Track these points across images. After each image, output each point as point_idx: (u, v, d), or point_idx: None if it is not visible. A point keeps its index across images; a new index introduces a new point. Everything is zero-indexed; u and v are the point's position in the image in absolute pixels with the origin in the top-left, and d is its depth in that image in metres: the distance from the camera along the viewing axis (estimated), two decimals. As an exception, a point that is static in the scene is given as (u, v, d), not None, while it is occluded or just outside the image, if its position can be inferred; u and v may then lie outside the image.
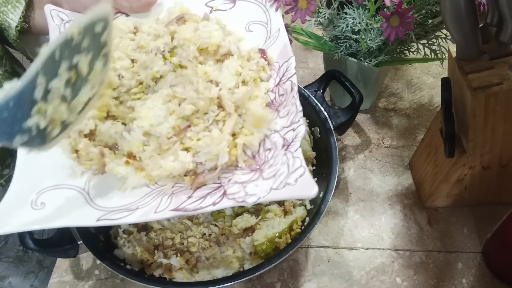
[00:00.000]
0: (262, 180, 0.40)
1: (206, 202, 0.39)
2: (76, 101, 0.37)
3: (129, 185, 0.44)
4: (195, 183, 0.42)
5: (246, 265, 0.56)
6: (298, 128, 0.41)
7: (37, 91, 0.33)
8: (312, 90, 0.64)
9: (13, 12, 0.59)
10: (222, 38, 0.48)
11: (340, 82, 0.63)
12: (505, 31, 0.40)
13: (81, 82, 0.37)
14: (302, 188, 0.36)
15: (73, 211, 0.42)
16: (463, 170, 0.54)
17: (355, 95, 0.61)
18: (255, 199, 0.37)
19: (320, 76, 0.66)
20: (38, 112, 0.34)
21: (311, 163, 0.64)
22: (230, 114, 0.44)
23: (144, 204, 0.41)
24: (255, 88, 0.48)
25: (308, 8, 0.54)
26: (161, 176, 0.43)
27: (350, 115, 0.61)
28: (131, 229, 0.59)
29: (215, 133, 0.43)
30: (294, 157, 0.39)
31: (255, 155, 0.44)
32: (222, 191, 0.40)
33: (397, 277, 0.59)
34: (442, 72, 0.82)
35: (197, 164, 0.43)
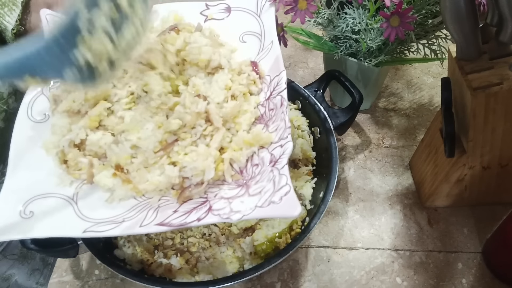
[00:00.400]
0: (248, 197, 0.40)
1: (191, 217, 0.40)
2: (121, 38, 0.38)
3: (116, 197, 0.44)
4: (181, 197, 0.42)
5: (246, 265, 0.56)
6: (286, 145, 0.41)
7: (81, 21, 0.34)
8: (312, 90, 0.64)
9: (9, 15, 0.59)
10: (211, 53, 0.48)
11: (340, 82, 0.63)
12: (505, 31, 0.40)
13: (123, 18, 0.38)
14: (286, 207, 0.36)
15: (61, 221, 0.42)
16: (463, 170, 0.54)
17: (355, 95, 0.61)
18: (240, 216, 0.37)
19: (320, 76, 0.66)
20: (85, 44, 0.35)
21: (311, 163, 0.64)
22: (218, 129, 0.44)
23: (130, 217, 0.41)
24: (244, 102, 0.47)
25: (308, 8, 0.54)
26: (147, 189, 0.43)
27: (350, 115, 0.61)
28: None
29: (202, 149, 0.43)
30: (281, 174, 0.39)
31: (243, 170, 0.44)
32: (207, 206, 0.41)
33: (397, 277, 0.59)
34: (442, 72, 0.82)
35: (183, 179, 0.43)
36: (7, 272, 0.76)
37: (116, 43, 0.38)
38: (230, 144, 0.45)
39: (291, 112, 0.66)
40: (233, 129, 0.46)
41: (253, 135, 0.44)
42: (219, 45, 0.51)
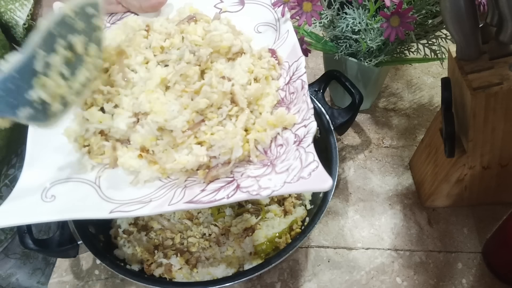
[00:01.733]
0: (275, 174, 0.40)
1: (220, 194, 0.40)
2: (75, 80, 0.40)
3: (142, 179, 0.44)
4: (208, 176, 0.42)
5: (246, 265, 0.56)
6: (310, 125, 0.42)
7: (38, 63, 0.37)
8: (312, 90, 0.64)
9: (21, 9, 0.59)
10: (232, 39, 0.48)
11: (340, 82, 0.63)
12: (505, 31, 0.40)
13: (78, 62, 0.41)
14: (316, 181, 0.36)
15: (85, 203, 0.42)
16: (463, 170, 0.54)
17: (355, 95, 0.61)
18: (269, 192, 0.37)
19: (320, 76, 0.66)
20: (39, 84, 0.37)
21: None
22: (243, 109, 0.45)
23: (157, 197, 0.41)
24: (266, 85, 0.48)
25: (314, 9, 0.54)
26: (174, 169, 0.43)
27: (350, 115, 0.61)
28: (131, 229, 0.59)
29: (230, 127, 0.43)
30: (307, 152, 0.40)
31: (267, 151, 0.44)
32: (235, 184, 0.41)
33: (397, 277, 0.59)
34: (442, 72, 0.82)
35: (210, 158, 0.43)
36: (8, 271, 0.76)
37: (70, 85, 0.40)
38: (254, 125, 0.45)
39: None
40: (256, 111, 0.47)
41: (276, 116, 0.45)
42: (238, 33, 0.51)
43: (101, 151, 0.46)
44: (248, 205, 0.61)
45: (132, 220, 0.59)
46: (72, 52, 0.40)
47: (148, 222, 0.60)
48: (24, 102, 0.36)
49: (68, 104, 0.40)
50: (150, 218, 0.60)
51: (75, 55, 0.40)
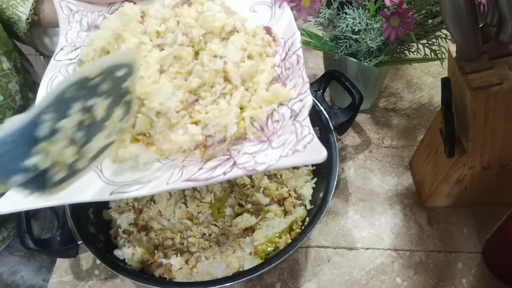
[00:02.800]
0: (271, 150, 0.40)
1: (217, 172, 0.40)
2: (89, 146, 0.35)
3: (141, 161, 0.44)
4: (205, 155, 0.43)
5: (246, 265, 0.56)
6: (306, 99, 0.42)
7: (42, 129, 0.31)
8: (312, 90, 0.64)
9: (23, 5, 0.60)
10: (225, 18, 0.49)
11: (340, 82, 0.63)
12: (505, 31, 0.40)
13: (96, 127, 0.35)
14: (311, 152, 0.37)
15: (86, 186, 0.42)
16: (463, 170, 0.54)
17: (355, 95, 0.61)
18: (265, 167, 0.38)
19: (320, 76, 0.66)
20: (41, 151, 0.31)
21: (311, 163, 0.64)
22: (237, 87, 0.45)
23: (156, 177, 0.42)
24: (261, 62, 0.48)
25: (312, 6, 0.54)
26: (171, 150, 0.44)
27: (350, 115, 0.61)
28: (131, 229, 0.59)
29: (223, 105, 0.43)
30: (302, 125, 0.40)
31: (264, 127, 0.45)
32: (232, 161, 0.41)
33: (397, 277, 0.59)
34: (442, 72, 0.82)
35: (206, 137, 0.43)
36: (12, 268, 0.76)
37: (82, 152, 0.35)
38: (249, 103, 0.46)
39: None
40: (251, 89, 0.47)
41: (271, 92, 0.45)
42: (232, 13, 0.52)
43: None
44: (248, 205, 0.61)
45: (132, 220, 0.60)
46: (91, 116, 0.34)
47: (148, 222, 0.60)
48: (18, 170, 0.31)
49: (77, 172, 0.35)
50: (150, 218, 0.60)
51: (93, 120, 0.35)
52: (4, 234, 0.73)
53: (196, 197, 0.62)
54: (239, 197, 0.62)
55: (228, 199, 0.63)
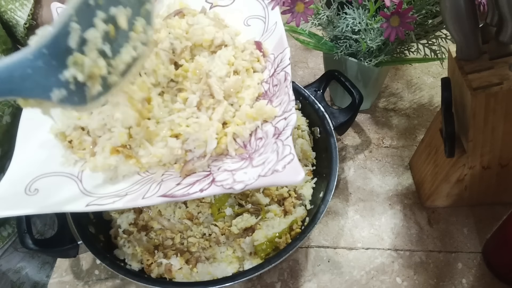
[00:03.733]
0: (251, 168, 0.40)
1: (194, 188, 0.40)
2: (118, 59, 0.35)
3: (120, 173, 0.44)
4: (184, 170, 0.42)
5: (246, 265, 0.56)
6: (290, 117, 0.42)
7: (72, 39, 0.31)
8: (312, 90, 0.64)
9: (21, 9, 0.60)
10: (214, 32, 0.48)
11: (340, 82, 0.63)
12: (505, 31, 0.40)
13: (122, 38, 0.35)
14: (289, 174, 0.36)
15: (65, 196, 0.43)
16: (463, 170, 0.54)
17: (355, 95, 0.61)
18: (242, 186, 0.38)
19: (320, 76, 0.66)
20: (75, 63, 0.32)
21: (311, 163, 0.64)
22: (220, 102, 0.45)
23: (133, 191, 0.42)
24: (247, 78, 0.48)
25: (305, 12, 0.54)
26: (151, 163, 0.43)
27: (350, 115, 0.61)
28: (131, 229, 0.59)
29: (203, 120, 0.43)
30: (284, 145, 0.40)
31: (246, 144, 0.44)
32: (211, 178, 0.41)
33: (397, 277, 0.59)
34: (442, 72, 0.82)
35: (186, 152, 0.43)
36: (18, 264, 0.76)
37: (112, 65, 0.35)
38: (233, 118, 0.45)
39: None
40: (236, 104, 0.47)
41: (256, 109, 0.45)
42: (223, 26, 0.52)
43: (82, 146, 0.46)
44: (248, 205, 0.61)
45: (132, 220, 0.59)
46: (115, 27, 0.34)
47: (148, 222, 0.60)
48: (58, 83, 0.32)
49: (110, 86, 0.36)
50: (150, 218, 0.60)
51: (118, 31, 0.34)
52: (9, 231, 0.73)
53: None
54: (239, 197, 0.62)
55: (228, 199, 0.63)
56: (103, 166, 0.44)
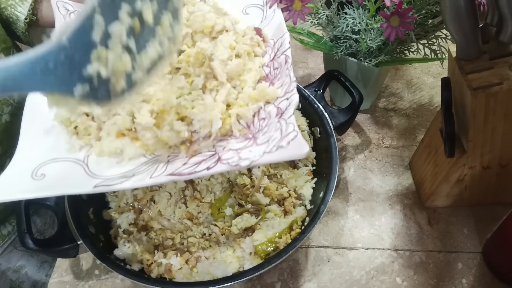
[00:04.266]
0: (256, 146, 0.41)
1: (201, 167, 0.40)
2: (143, 55, 0.34)
3: (126, 156, 0.44)
4: (190, 151, 0.43)
5: (246, 265, 0.56)
6: (292, 97, 0.43)
7: (95, 33, 0.30)
8: (312, 90, 0.64)
9: (21, 5, 0.60)
10: (215, 18, 0.49)
11: (340, 82, 0.63)
12: (505, 31, 0.40)
13: (148, 34, 0.34)
14: (294, 149, 0.37)
15: (71, 180, 0.43)
16: (463, 170, 0.54)
17: (355, 95, 0.61)
18: (248, 163, 0.38)
19: (320, 76, 0.66)
20: (98, 58, 0.31)
21: (311, 163, 0.64)
22: (223, 84, 0.45)
23: (140, 172, 0.42)
24: (249, 61, 0.49)
25: (302, 10, 0.54)
26: (157, 145, 0.44)
27: (350, 115, 0.61)
28: (131, 229, 0.59)
29: (208, 101, 0.44)
30: (288, 123, 0.40)
31: (250, 125, 0.45)
32: (216, 157, 0.41)
33: (397, 277, 0.59)
34: (442, 72, 0.82)
35: (192, 133, 0.44)
36: (17, 263, 0.76)
37: (137, 61, 0.34)
38: (236, 100, 0.46)
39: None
40: (239, 87, 0.47)
41: (258, 90, 0.45)
42: (223, 14, 0.52)
43: (87, 131, 0.47)
44: (248, 205, 0.61)
45: (132, 220, 0.60)
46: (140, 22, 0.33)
47: (148, 222, 0.60)
48: (81, 78, 0.31)
49: (135, 83, 0.35)
50: (150, 218, 0.60)
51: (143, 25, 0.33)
52: (9, 229, 0.73)
53: (196, 197, 0.62)
54: (239, 197, 0.62)
55: (228, 199, 0.63)
56: (109, 150, 0.44)
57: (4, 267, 0.74)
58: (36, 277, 0.80)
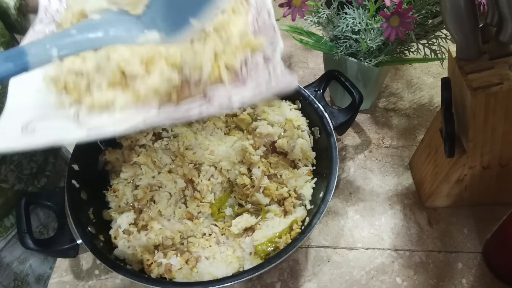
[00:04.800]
0: (246, 89, 0.43)
1: (193, 110, 0.42)
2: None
3: (118, 106, 0.44)
4: (181, 96, 0.44)
5: (246, 265, 0.56)
6: (276, 43, 0.44)
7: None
8: (312, 90, 0.64)
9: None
10: None
11: (340, 82, 0.63)
12: (505, 31, 0.40)
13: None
14: (283, 84, 0.39)
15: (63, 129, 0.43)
16: (463, 170, 0.54)
17: (355, 95, 0.61)
18: (239, 102, 0.40)
19: (320, 76, 0.66)
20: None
21: (311, 163, 0.64)
22: (209, 34, 0.46)
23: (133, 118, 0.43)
24: (233, 17, 0.49)
25: (302, 7, 0.54)
26: (148, 93, 0.44)
27: (350, 115, 0.61)
28: (131, 229, 0.59)
29: (198, 48, 0.45)
30: (275, 65, 0.42)
31: (238, 74, 0.46)
32: (207, 101, 0.43)
33: (397, 277, 0.59)
34: (442, 72, 0.82)
35: (182, 82, 0.44)
36: (21, 256, 0.76)
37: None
38: (223, 51, 0.47)
39: (291, 112, 0.66)
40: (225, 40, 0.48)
41: (244, 40, 0.46)
42: None
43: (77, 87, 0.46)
44: (248, 205, 0.61)
45: (132, 220, 0.60)
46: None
47: (148, 222, 0.60)
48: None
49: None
50: (150, 218, 0.60)
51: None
52: (12, 221, 0.72)
53: (196, 197, 0.62)
54: (239, 197, 0.62)
55: (228, 199, 0.63)
56: (100, 103, 0.44)
57: (8, 260, 0.74)
58: (41, 270, 0.80)
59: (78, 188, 0.59)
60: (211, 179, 0.63)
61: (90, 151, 0.64)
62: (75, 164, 0.60)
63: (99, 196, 0.62)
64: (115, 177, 0.64)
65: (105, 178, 0.65)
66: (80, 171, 0.60)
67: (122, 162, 0.65)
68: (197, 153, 0.64)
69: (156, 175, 0.63)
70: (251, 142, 0.63)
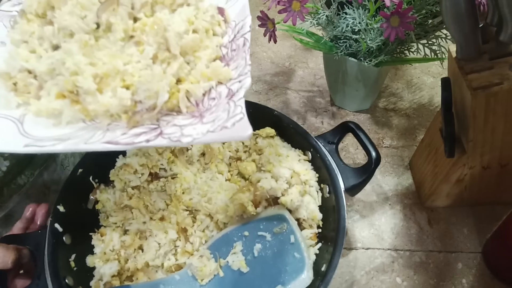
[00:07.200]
0: (201, 124, 0.40)
1: (140, 138, 0.39)
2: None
3: (64, 119, 0.43)
4: (131, 121, 0.42)
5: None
6: (244, 80, 0.42)
7: None
8: (325, 142, 0.58)
9: None
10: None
11: (356, 136, 0.58)
12: (505, 31, 0.40)
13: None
14: (237, 130, 0.37)
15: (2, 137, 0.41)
16: (463, 170, 0.54)
17: (372, 154, 0.55)
18: (190, 140, 0.38)
19: (335, 127, 0.60)
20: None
21: (317, 225, 0.58)
22: (175, 57, 0.44)
23: (76, 136, 0.41)
24: (206, 39, 0.47)
25: (301, 10, 0.54)
26: (97, 111, 0.42)
27: (365, 177, 0.55)
28: (113, 282, 0.55)
29: (157, 71, 0.43)
30: (236, 105, 0.40)
31: (199, 103, 0.44)
32: (158, 131, 0.40)
33: (397, 277, 0.59)
34: (442, 72, 0.82)
35: (135, 103, 0.42)
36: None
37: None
38: (188, 76, 0.45)
39: (299, 164, 0.60)
40: (192, 63, 0.46)
41: (212, 69, 0.44)
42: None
43: (27, 89, 0.45)
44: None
45: (116, 272, 0.55)
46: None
47: (134, 273, 0.56)
48: None
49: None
50: (136, 269, 0.56)
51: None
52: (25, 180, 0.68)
53: (187, 251, 0.57)
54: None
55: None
56: (47, 110, 0.43)
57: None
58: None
59: (61, 232, 0.54)
60: (206, 230, 0.58)
61: (81, 189, 0.59)
62: (61, 205, 0.55)
63: (85, 239, 0.57)
64: (105, 217, 0.60)
65: (94, 218, 0.60)
66: (67, 212, 0.55)
67: (113, 203, 0.60)
68: (193, 199, 0.59)
69: (147, 221, 0.59)
70: (251, 198, 0.57)
